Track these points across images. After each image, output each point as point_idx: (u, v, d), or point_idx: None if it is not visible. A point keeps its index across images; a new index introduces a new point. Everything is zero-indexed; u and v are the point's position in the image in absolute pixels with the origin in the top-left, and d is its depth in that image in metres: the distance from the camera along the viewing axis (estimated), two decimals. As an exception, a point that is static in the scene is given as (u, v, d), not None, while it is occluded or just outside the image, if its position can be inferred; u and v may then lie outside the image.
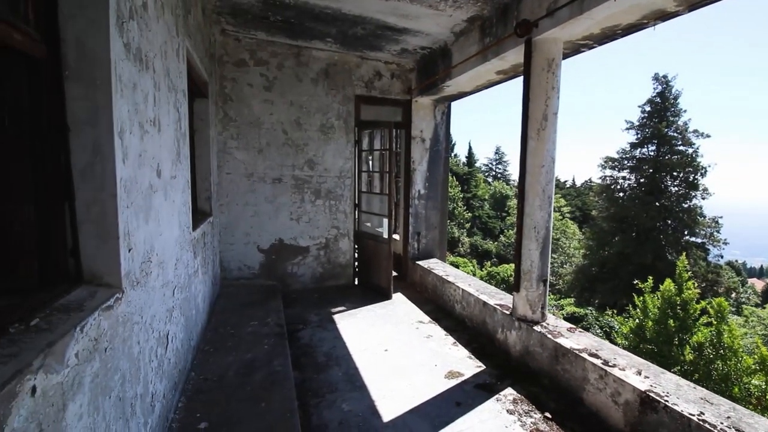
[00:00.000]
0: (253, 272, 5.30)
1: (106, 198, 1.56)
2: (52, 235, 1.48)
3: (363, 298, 5.36)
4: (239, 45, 5.06)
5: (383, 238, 5.37)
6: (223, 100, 5.01)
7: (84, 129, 1.53)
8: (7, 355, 1.00)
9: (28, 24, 1.39)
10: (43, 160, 1.46)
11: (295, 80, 5.35)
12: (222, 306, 4.37)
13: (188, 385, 2.78)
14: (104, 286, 1.58)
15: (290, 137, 5.36)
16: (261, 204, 5.26)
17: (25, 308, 1.26)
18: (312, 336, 4.12)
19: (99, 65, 1.54)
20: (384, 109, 6.07)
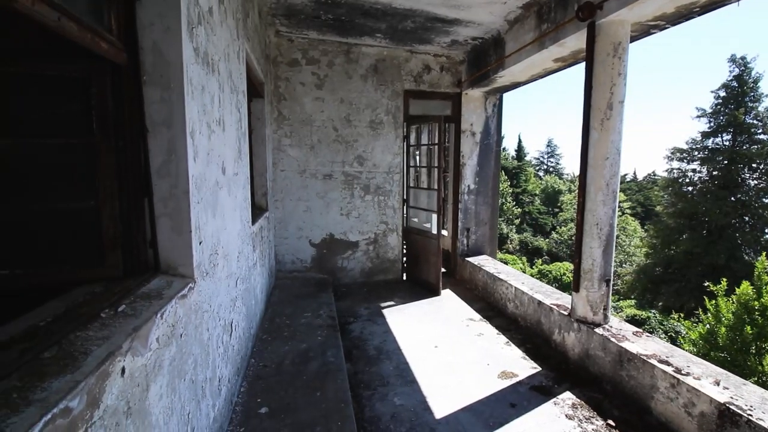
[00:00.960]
0: (306, 265, 5.47)
1: (180, 194, 1.67)
2: (134, 228, 1.61)
3: (411, 294, 5.35)
4: (292, 45, 5.21)
5: (432, 234, 5.32)
6: (278, 100, 5.19)
7: (160, 130, 1.65)
8: (100, 338, 1.10)
9: (111, 33, 1.51)
10: (125, 159, 1.59)
11: (344, 77, 5.42)
12: (277, 297, 4.56)
13: (249, 371, 2.93)
14: (178, 276, 1.69)
15: (340, 134, 5.45)
16: (313, 199, 5.41)
17: (113, 295, 1.38)
18: (362, 329, 4.18)
19: (173, 70, 1.65)
20: (432, 103, 5.99)
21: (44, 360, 0.94)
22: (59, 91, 1.51)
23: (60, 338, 1.03)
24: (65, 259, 1.52)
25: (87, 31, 1.30)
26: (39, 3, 1.06)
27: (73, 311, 1.23)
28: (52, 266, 1.50)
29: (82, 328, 1.12)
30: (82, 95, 1.52)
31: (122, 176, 1.58)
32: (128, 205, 1.59)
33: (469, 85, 5.63)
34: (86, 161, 1.52)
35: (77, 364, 0.95)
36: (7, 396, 0.80)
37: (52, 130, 1.50)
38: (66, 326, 1.11)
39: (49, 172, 1.50)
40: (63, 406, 0.82)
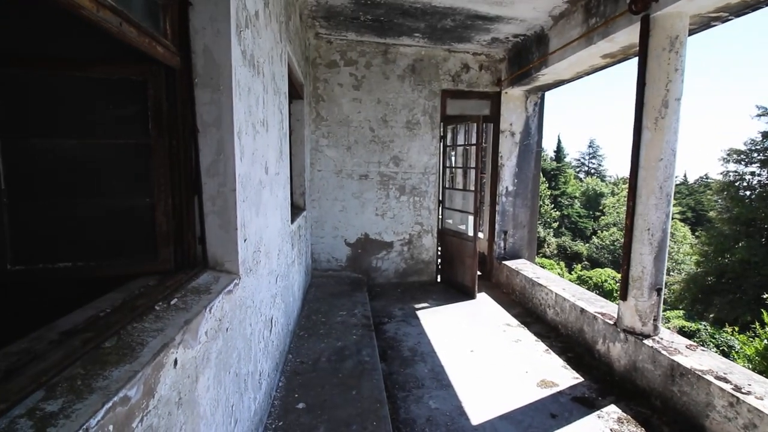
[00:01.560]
0: (341, 264, 5.53)
1: (227, 192, 1.72)
2: (185, 225, 1.67)
3: (446, 296, 5.28)
4: (331, 47, 5.28)
5: (468, 236, 5.22)
6: (316, 101, 5.28)
7: (210, 130, 1.70)
8: (155, 330, 1.15)
9: (166, 38, 1.58)
10: (178, 158, 1.66)
11: (382, 78, 5.43)
12: (313, 295, 4.64)
13: (287, 366, 2.98)
14: (225, 272, 1.74)
15: (377, 134, 5.47)
16: (348, 199, 5.45)
17: (165, 289, 1.44)
18: (397, 330, 4.17)
19: (222, 72, 1.70)
20: (470, 102, 5.88)
21: (105, 349, 0.99)
22: (120, 94, 1.59)
23: (119, 329, 1.08)
24: (123, 253, 1.60)
25: (145, 36, 1.37)
26: (103, 9, 1.12)
27: (129, 303, 1.29)
28: (111, 260, 1.58)
29: (139, 320, 1.17)
30: (139, 98, 1.60)
31: (174, 175, 1.65)
32: (180, 203, 1.66)
33: (510, 83, 5.49)
34: (143, 161, 1.59)
35: (135, 354, 1.00)
36: (73, 382, 0.84)
37: (113, 131, 1.58)
38: (124, 318, 1.16)
39: (110, 170, 1.59)
40: (122, 394, 0.85)
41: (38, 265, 1.56)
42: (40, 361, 0.89)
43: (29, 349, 0.95)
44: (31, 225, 1.53)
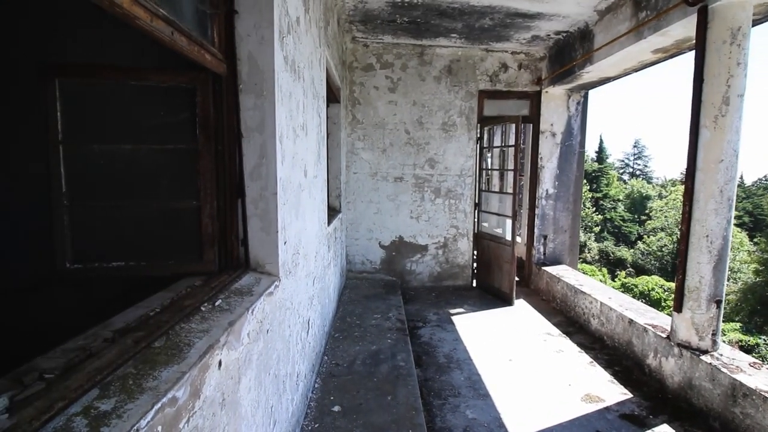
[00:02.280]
0: (375, 267, 5.53)
1: (269, 196, 1.75)
2: (228, 227, 1.71)
3: (482, 302, 5.15)
4: (367, 50, 5.30)
5: (506, 240, 5.07)
6: (352, 104, 5.32)
7: (253, 135, 1.74)
8: (201, 330, 1.17)
9: (214, 46, 1.63)
10: (223, 162, 1.70)
11: (417, 80, 5.40)
12: (348, 297, 4.66)
13: (322, 368, 3.00)
14: (266, 274, 1.77)
15: (412, 137, 5.43)
16: (383, 202, 5.45)
17: (210, 290, 1.48)
18: (432, 335, 4.11)
19: (266, 78, 1.73)
20: (509, 102, 5.72)
21: (155, 349, 1.02)
22: (170, 101, 1.65)
23: (167, 329, 1.11)
24: (171, 254, 1.66)
25: (195, 44, 1.41)
26: (156, 19, 1.16)
27: (177, 303, 1.33)
28: (160, 260, 1.65)
29: (186, 320, 1.20)
30: (188, 105, 1.65)
31: (219, 179, 1.70)
32: (224, 206, 1.70)
33: (551, 82, 5.29)
34: (190, 165, 1.65)
35: (182, 355, 1.02)
36: (125, 381, 0.87)
37: (163, 137, 1.65)
38: (172, 318, 1.20)
39: (160, 174, 1.65)
40: (171, 395, 0.87)
41: (94, 264, 1.64)
42: (95, 359, 0.92)
43: (86, 347, 0.99)
44: (87, 225, 1.61)
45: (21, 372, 0.86)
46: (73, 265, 1.63)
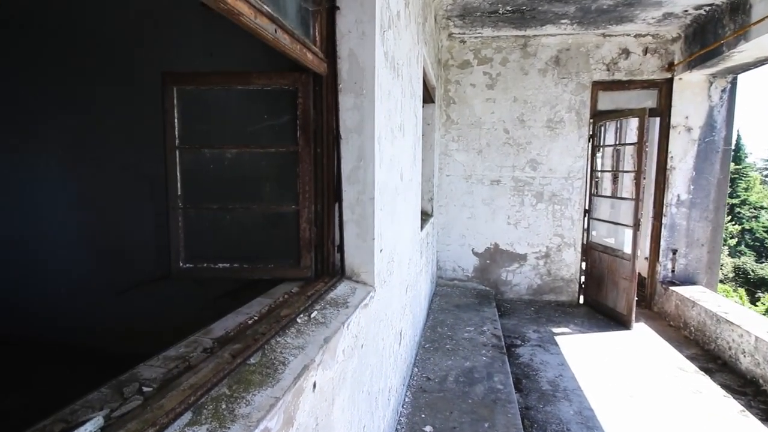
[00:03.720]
0: (467, 275, 5.23)
1: (366, 200, 1.64)
2: (325, 232, 1.64)
3: (591, 322, 4.53)
4: (464, 47, 5.04)
5: (624, 253, 4.39)
6: (447, 103, 5.10)
7: (352, 136, 1.65)
8: (296, 347, 1.08)
9: (315, 44, 1.56)
10: (321, 165, 1.64)
11: (519, 74, 4.97)
12: (438, 305, 4.45)
13: (412, 380, 2.85)
14: (361, 283, 1.67)
15: (511, 136, 5.02)
16: (478, 206, 5.13)
17: (307, 299, 1.41)
18: (532, 356, 3.70)
19: (366, 75, 1.63)
20: (629, 94, 4.96)
21: (250, 367, 0.95)
22: (273, 103, 1.64)
23: (264, 343, 1.04)
24: (270, 258, 1.65)
25: (297, 42, 1.35)
26: (260, 16, 1.11)
27: (274, 311, 1.28)
28: (261, 263, 1.64)
29: (282, 333, 1.13)
30: (290, 107, 1.62)
31: (317, 182, 1.64)
32: (321, 210, 1.63)
33: (686, 67, 4.45)
34: (290, 168, 1.61)
35: (277, 375, 0.93)
36: (218, 405, 0.80)
37: (266, 140, 1.64)
38: (269, 328, 1.13)
39: (262, 178, 1.65)
40: (263, 426, 0.78)
41: (203, 264, 1.70)
42: (192, 373, 0.87)
43: (185, 357, 0.96)
44: (198, 227, 1.67)
45: (123, 381, 0.84)
46: (185, 264, 1.71)
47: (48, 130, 3.34)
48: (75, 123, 3.28)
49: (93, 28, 3.10)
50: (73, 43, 3.17)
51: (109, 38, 3.07)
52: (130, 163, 3.16)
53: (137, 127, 3.06)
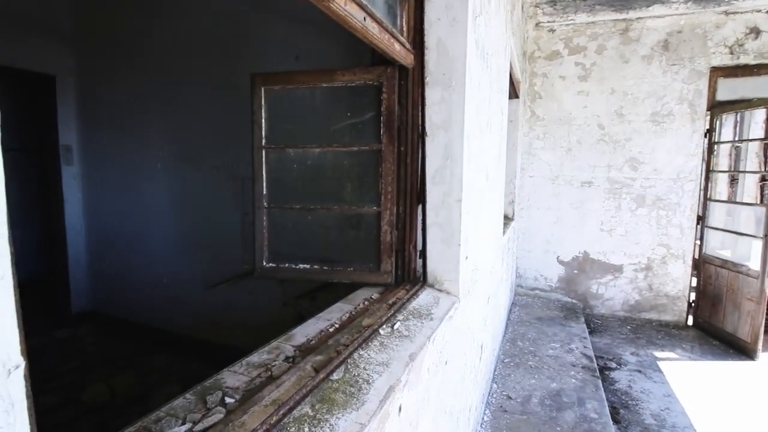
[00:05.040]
0: (550, 284, 4.80)
1: (452, 203, 1.50)
2: (407, 236, 1.54)
3: (703, 348, 3.88)
4: (553, 36, 4.64)
5: (750, 270, 3.68)
6: (532, 98, 4.73)
7: (438, 133, 1.52)
8: (381, 363, 0.99)
9: (402, 34, 1.46)
10: (405, 165, 1.53)
11: (618, 63, 4.43)
12: (517, 316, 4.14)
13: (491, 397, 2.64)
14: (444, 292, 1.53)
15: (607, 132, 4.50)
16: (564, 210, 4.68)
17: (388, 308, 1.31)
18: (631, 382, 3.24)
19: (455, 66, 1.49)
20: (753, 82, 4.17)
21: (333, 384, 0.87)
22: (356, 100, 1.58)
23: (346, 357, 0.96)
24: (350, 261, 1.59)
25: (385, 32, 1.26)
26: (350, 2, 1.03)
27: (355, 320, 1.20)
28: (341, 265, 1.59)
29: (365, 346, 1.04)
30: (373, 103, 1.54)
31: (400, 182, 1.54)
32: (403, 212, 1.53)
33: None
34: (372, 168, 1.54)
35: (361, 397, 0.84)
36: (300, 428, 0.72)
37: (348, 139, 1.58)
38: (351, 341, 1.05)
39: (344, 178, 1.59)
40: (349, 458, 0.68)
41: (285, 264, 1.69)
42: (274, 385, 0.81)
43: (268, 365, 0.91)
44: (281, 227, 1.67)
45: (208, 388, 0.81)
46: (268, 264, 1.72)
47: (153, 135, 3.70)
48: (174, 127, 3.59)
49: (187, 39, 3.36)
50: (171, 53, 3.47)
51: (202, 48, 3.30)
52: (223, 164, 3.37)
53: (229, 130, 3.25)
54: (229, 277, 3.07)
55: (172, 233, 3.72)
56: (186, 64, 3.42)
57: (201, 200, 3.54)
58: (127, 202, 3.93)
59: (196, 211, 3.58)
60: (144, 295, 3.87)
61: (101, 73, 3.88)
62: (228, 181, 3.35)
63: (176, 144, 3.62)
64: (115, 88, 3.81)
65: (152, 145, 3.73)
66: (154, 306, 3.81)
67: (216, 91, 3.29)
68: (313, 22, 2.72)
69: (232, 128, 3.22)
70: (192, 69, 3.39)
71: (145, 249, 3.86)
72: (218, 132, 3.35)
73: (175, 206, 3.70)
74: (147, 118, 3.71)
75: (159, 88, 3.58)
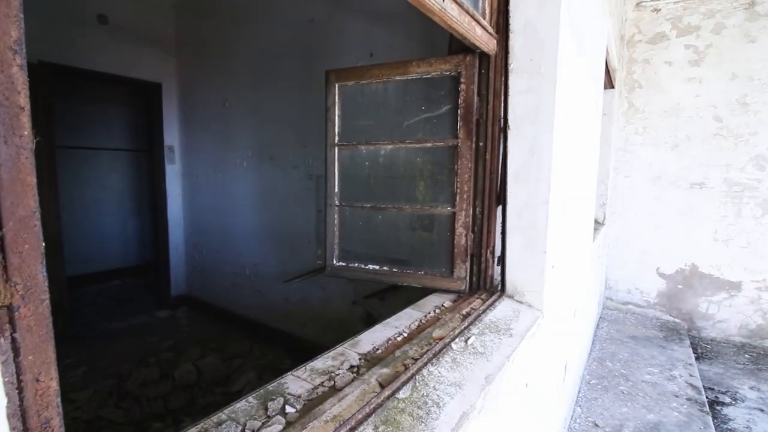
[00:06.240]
0: (647, 299, 4.24)
1: (537, 204, 1.33)
2: (484, 240, 1.40)
3: None
4: (657, 17, 4.07)
5: None
6: (630, 88, 4.21)
7: (522, 126, 1.36)
8: (453, 383, 0.88)
9: (484, 17, 1.33)
10: (483, 162, 1.40)
11: (742, 43, 3.74)
12: (606, 332, 3.71)
13: (574, 423, 2.37)
14: (525, 304, 1.37)
15: (725, 125, 3.83)
16: (668, 215, 4.08)
17: (461, 318, 1.20)
18: (750, 423, 2.71)
19: (545, 51, 1.32)
20: None
21: (399, 402, 0.79)
22: (431, 92, 1.48)
23: (415, 373, 0.87)
24: (421, 264, 1.50)
25: (466, 14, 1.15)
26: (430, -17, 0.94)
27: (426, 329, 1.11)
28: (410, 268, 1.51)
29: (435, 361, 0.94)
30: (450, 95, 1.43)
31: (477, 181, 1.41)
32: (481, 214, 1.40)
33: None
34: (447, 164, 1.43)
35: (430, 422, 0.75)
36: (365, 452, 0.65)
37: (423, 134, 1.49)
38: (420, 354, 0.96)
39: (417, 176, 1.51)
40: (415, 496, 0.59)
41: (354, 263, 1.65)
42: (336, 398, 0.76)
43: (331, 373, 0.86)
44: (351, 226, 1.63)
45: (271, 392, 0.78)
46: (338, 262, 1.70)
47: (239, 136, 3.97)
48: (257, 128, 3.80)
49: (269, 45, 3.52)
50: (254, 59, 3.67)
51: (282, 53, 3.43)
52: (301, 162, 3.49)
53: (307, 130, 3.35)
54: (303, 272, 3.16)
55: (254, 227, 3.95)
56: (267, 69, 3.60)
57: (280, 197, 3.70)
58: (217, 198, 4.27)
59: (276, 207, 3.75)
60: (229, 283, 4.18)
61: (196, 80, 4.25)
62: (305, 179, 3.45)
63: (259, 143, 3.83)
64: (208, 93, 4.15)
65: (238, 145, 4.00)
66: (238, 294, 4.09)
67: (295, 93, 3.41)
68: (388, 17, 2.68)
69: (309, 128, 3.31)
70: (273, 73, 3.56)
71: (231, 241, 4.16)
72: (297, 132, 3.47)
73: (257, 202, 3.92)
74: (234, 119, 3.99)
75: (244, 92, 3.82)
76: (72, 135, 4.90)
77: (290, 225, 3.62)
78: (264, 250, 3.87)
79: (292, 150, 3.55)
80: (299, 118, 3.42)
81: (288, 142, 3.57)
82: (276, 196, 3.74)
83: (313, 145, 3.31)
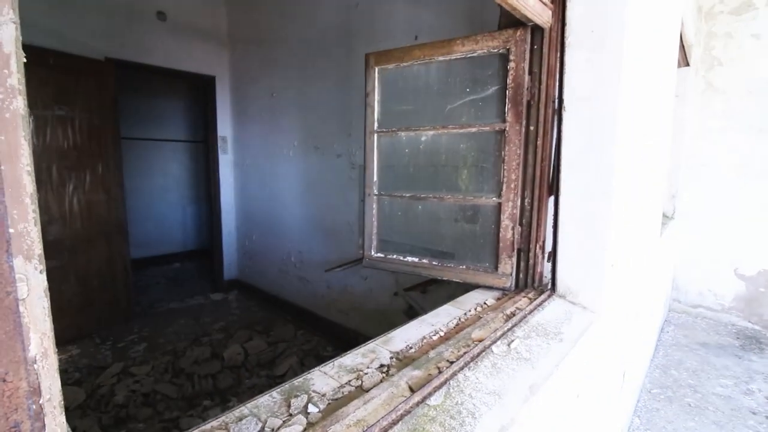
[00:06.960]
0: (721, 303, 3.80)
1: (597, 195, 1.19)
2: (533, 234, 1.28)
3: None
4: (746, -18, 3.55)
5: None
6: (708, 66, 3.74)
7: (580, 107, 1.22)
8: (491, 391, 0.80)
9: (539, -11, 1.19)
10: (534, 147, 1.27)
11: None
12: (671, 338, 3.37)
13: (631, 435, 2.17)
14: (578, 305, 1.24)
15: (830, 105, 3.29)
16: (752, 209, 3.61)
17: (505, 318, 1.10)
18: None
19: (608, 21, 1.16)
20: None
21: (429, 410, 0.72)
22: (477, 72, 1.37)
23: (449, 378, 0.80)
24: (463, 258, 1.41)
25: (517, -18, 1.03)
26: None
27: (464, 329, 1.03)
28: (452, 261, 1.42)
29: (473, 367, 0.86)
30: (497, 75, 1.31)
31: (527, 169, 1.29)
32: (530, 205, 1.28)
33: None
34: (494, 150, 1.32)
35: (464, 434, 0.67)
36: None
37: (467, 118, 1.38)
38: (456, 357, 0.89)
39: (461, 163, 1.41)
40: None
41: (393, 255, 1.60)
42: (361, 400, 0.70)
43: (360, 372, 0.81)
44: (390, 217, 1.57)
45: (296, 388, 0.74)
46: (377, 253, 1.65)
47: (286, 125, 4.03)
48: (303, 118, 3.83)
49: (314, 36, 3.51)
50: (300, 50, 3.68)
51: (327, 42, 3.41)
52: (344, 151, 3.47)
53: (350, 119, 3.32)
54: (344, 261, 3.16)
55: (299, 216, 4.02)
56: (312, 57, 3.60)
57: (324, 186, 3.73)
58: (265, 186, 4.39)
59: (320, 196, 3.79)
60: (276, 269, 4.30)
61: (246, 72, 4.37)
62: (348, 169, 3.44)
63: (304, 133, 3.86)
64: (258, 84, 4.25)
65: (285, 135, 4.07)
66: (284, 281, 4.20)
67: (339, 81, 3.38)
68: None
69: (353, 116, 3.28)
70: (317, 61, 3.55)
71: (277, 229, 4.28)
72: (341, 121, 3.45)
73: (303, 191, 3.98)
74: (281, 109, 4.05)
75: (291, 82, 3.86)
76: (136, 127, 5.26)
77: (333, 214, 3.64)
78: (308, 238, 3.93)
79: (337, 139, 3.54)
80: (343, 107, 3.39)
81: (332, 131, 3.57)
82: (320, 185, 3.77)
83: (357, 134, 3.27)
